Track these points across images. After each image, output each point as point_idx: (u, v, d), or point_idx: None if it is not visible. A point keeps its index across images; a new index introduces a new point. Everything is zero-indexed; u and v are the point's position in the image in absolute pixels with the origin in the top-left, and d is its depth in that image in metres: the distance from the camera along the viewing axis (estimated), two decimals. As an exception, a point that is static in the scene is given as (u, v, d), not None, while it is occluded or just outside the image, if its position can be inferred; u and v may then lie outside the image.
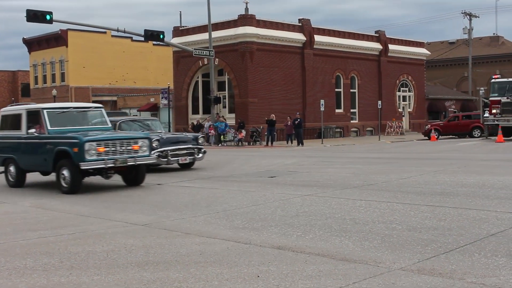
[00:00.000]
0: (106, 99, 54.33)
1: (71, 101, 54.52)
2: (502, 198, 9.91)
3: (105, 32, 53.13)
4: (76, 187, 12.64)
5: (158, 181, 14.86)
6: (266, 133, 35.98)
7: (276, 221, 8.40)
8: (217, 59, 39.72)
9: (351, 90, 48.08)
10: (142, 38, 33.77)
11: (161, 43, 36.81)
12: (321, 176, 14.81)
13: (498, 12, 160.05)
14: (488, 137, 34.03)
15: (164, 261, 6.29)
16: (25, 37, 60.03)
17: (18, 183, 14.51)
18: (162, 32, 31.29)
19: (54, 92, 52.45)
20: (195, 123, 39.85)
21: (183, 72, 44.47)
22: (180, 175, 16.55)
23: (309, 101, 43.53)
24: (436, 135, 37.60)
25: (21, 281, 5.67)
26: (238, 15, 40.97)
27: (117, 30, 31.53)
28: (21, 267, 6.24)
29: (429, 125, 41.63)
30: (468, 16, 61.59)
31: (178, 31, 45.14)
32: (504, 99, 32.52)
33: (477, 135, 37.45)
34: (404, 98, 53.89)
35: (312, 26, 44.24)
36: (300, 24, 43.68)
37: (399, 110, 52.72)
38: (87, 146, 12.23)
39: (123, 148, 12.88)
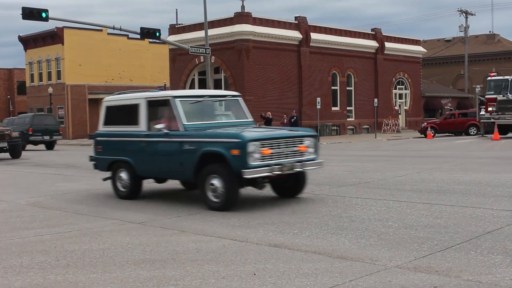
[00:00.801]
0: (103, 97, 54.10)
1: (68, 100, 54.45)
2: (498, 195, 9.93)
3: (101, 30, 53.00)
4: (233, 201, 9.46)
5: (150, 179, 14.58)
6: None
7: (273, 219, 8.40)
8: (213, 57, 39.68)
9: (348, 88, 48.12)
10: (138, 36, 33.61)
11: (157, 40, 36.72)
12: (317, 173, 14.80)
13: (494, 10, 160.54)
14: (484, 135, 34.16)
15: (160, 259, 6.28)
16: (20, 34, 59.83)
17: (132, 193, 11.14)
18: (158, 30, 31.17)
19: (50, 90, 52.30)
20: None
21: (180, 70, 44.45)
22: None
23: (306, 99, 43.54)
24: (432, 133, 37.65)
25: (17, 279, 5.65)
26: (234, 13, 40.95)
27: (113, 28, 31.38)
28: (17, 265, 6.22)
29: (425, 123, 41.67)
30: (464, 14, 61.69)
31: (174, 29, 45.10)
32: (500, 97, 32.60)
33: (473, 133, 37.57)
34: (400, 96, 53.96)
35: (309, 24, 44.24)
36: (296, 22, 43.68)
37: (395, 108, 52.79)
38: (251, 147, 9.09)
39: (289, 149, 9.82)
